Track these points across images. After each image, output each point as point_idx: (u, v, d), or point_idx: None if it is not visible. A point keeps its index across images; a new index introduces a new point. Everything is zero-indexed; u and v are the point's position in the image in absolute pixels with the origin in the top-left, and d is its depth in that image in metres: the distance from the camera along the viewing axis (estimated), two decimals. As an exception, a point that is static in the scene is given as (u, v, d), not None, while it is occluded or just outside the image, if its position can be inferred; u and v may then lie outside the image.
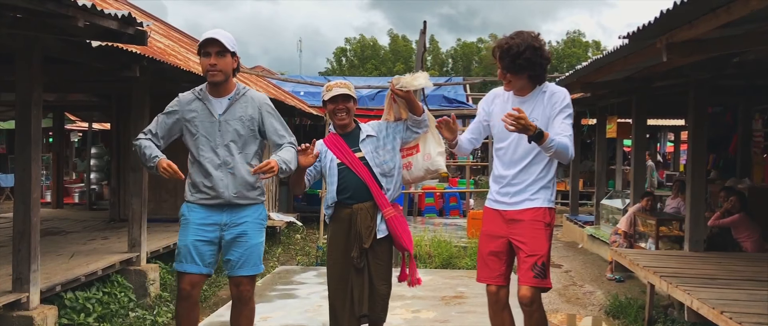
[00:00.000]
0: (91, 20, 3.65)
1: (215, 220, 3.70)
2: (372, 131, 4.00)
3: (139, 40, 4.28)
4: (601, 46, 47.43)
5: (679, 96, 9.13)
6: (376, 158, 3.91)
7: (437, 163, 4.11)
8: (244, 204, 3.72)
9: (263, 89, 11.03)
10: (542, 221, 3.59)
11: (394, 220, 3.90)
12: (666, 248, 7.65)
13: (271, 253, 9.87)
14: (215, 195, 3.67)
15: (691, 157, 7.11)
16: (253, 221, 3.75)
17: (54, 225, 9.94)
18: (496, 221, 3.70)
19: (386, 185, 3.91)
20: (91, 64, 5.53)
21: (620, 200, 10.53)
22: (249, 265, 3.73)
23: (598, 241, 10.15)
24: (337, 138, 4.00)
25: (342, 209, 3.92)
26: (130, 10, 3.90)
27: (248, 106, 3.72)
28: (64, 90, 10.41)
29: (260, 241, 3.80)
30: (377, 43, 49.85)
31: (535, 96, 3.61)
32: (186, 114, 3.70)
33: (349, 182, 3.89)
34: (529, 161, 3.60)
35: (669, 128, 19.62)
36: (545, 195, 3.63)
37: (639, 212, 8.35)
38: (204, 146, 3.67)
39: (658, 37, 4.24)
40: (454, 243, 9.04)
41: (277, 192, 12.63)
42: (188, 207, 3.75)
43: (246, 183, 3.69)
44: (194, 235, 3.69)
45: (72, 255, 6.74)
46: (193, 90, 3.77)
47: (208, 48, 3.57)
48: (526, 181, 3.61)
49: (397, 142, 4.00)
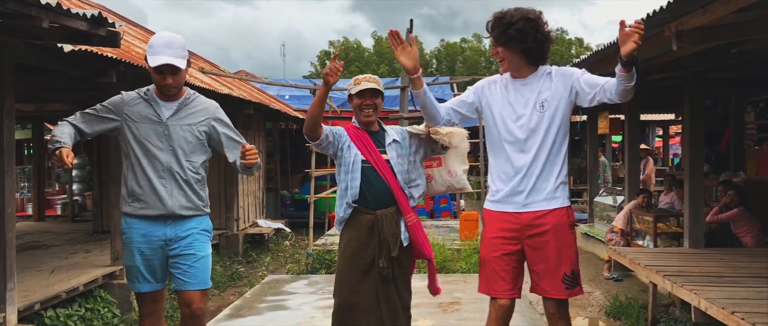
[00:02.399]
0: (57, 21, 3.37)
1: (159, 236, 3.41)
2: (397, 136, 3.70)
3: (112, 42, 4.00)
4: (584, 42, 47.55)
5: (670, 90, 9.01)
6: (400, 165, 3.62)
7: (463, 181, 3.90)
8: (189, 215, 3.44)
9: (247, 93, 10.79)
10: (567, 223, 3.24)
11: (416, 227, 3.63)
12: (664, 245, 7.50)
13: (258, 262, 9.64)
14: (156, 204, 3.37)
15: (689, 151, 6.95)
16: (199, 232, 3.48)
17: (35, 238, 9.64)
18: (507, 224, 3.27)
19: (407, 191, 3.64)
20: (65, 72, 5.26)
21: (611, 197, 10.39)
22: (198, 279, 3.45)
23: (593, 240, 10.00)
24: (362, 133, 3.64)
25: (362, 214, 3.57)
26: (100, 10, 3.63)
27: (199, 114, 3.47)
28: (41, 100, 10.13)
29: (208, 254, 3.52)
30: (361, 45, 49.71)
31: (539, 78, 3.23)
32: (130, 114, 3.39)
33: (373, 184, 3.57)
34: (547, 150, 3.18)
35: (657, 123, 19.55)
36: (565, 193, 3.27)
37: (635, 209, 8.20)
38: (146, 151, 3.38)
39: (667, 24, 3.99)
40: (448, 246, 8.83)
41: (263, 198, 12.40)
42: (127, 224, 3.44)
43: (191, 190, 3.42)
44: (140, 254, 3.41)
45: (52, 271, 6.47)
46: (139, 90, 3.48)
47: (161, 68, 3.29)
48: (542, 176, 3.20)
49: (419, 155, 3.77)
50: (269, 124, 13.60)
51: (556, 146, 3.23)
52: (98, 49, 4.65)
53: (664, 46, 4.37)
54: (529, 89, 3.23)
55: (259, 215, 12.06)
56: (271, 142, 13.74)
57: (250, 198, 11.48)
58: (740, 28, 4.27)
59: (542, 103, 3.20)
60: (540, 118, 3.19)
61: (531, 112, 3.21)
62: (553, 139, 3.20)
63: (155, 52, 3.29)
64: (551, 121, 3.19)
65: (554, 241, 3.20)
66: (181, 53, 3.32)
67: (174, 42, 3.32)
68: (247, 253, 10.31)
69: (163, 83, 3.32)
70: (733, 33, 4.31)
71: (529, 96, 3.24)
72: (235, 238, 10.37)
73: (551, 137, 3.19)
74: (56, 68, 5.24)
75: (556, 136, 3.21)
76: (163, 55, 3.26)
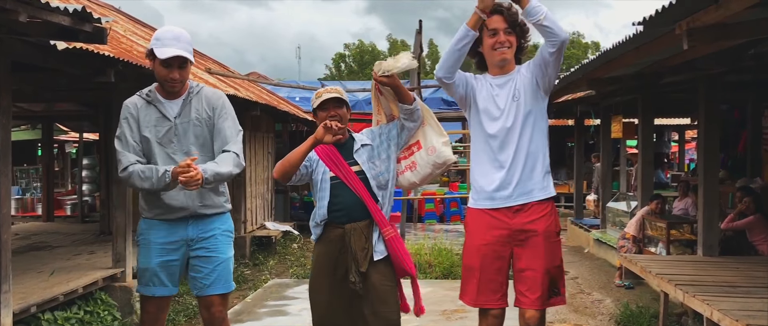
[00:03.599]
0: (37, 15, 3.26)
1: (180, 237, 3.33)
2: (366, 139, 3.57)
3: (98, 38, 3.90)
4: (600, 46, 47.14)
5: (685, 93, 8.80)
6: (372, 169, 3.47)
7: (444, 154, 3.59)
8: (211, 213, 3.35)
9: (255, 95, 10.70)
10: (555, 230, 3.23)
11: (395, 241, 3.45)
12: (677, 252, 7.30)
13: (265, 265, 9.53)
14: (178, 207, 3.29)
15: (703, 156, 6.75)
16: (222, 233, 3.39)
17: (41, 239, 9.61)
18: (496, 231, 3.19)
19: (381, 200, 3.48)
20: (63, 70, 5.18)
21: (625, 203, 10.20)
22: (220, 283, 3.36)
23: (605, 246, 9.80)
24: (330, 148, 3.52)
25: (332, 229, 3.45)
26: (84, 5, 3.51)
27: (203, 104, 3.37)
28: (50, 100, 10.12)
29: (230, 256, 3.43)
30: (376, 47, 49.59)
31: (515, 73, 3.30)
32: (139, 121, 3.31)
33: (342, 198, 3.43)
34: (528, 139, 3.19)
35: (672, 127, 19.26)
36: (550, 181, 3.28)
37: (648, 215, 8.01)
38: (160, 154, 3.29)
39: (679, 21, 3.77)
40: (455, 251, 8.69)
41: (272, 200, 12.30)
42: (148, 225, 3.36)
43: (212, 190, 3.32)
44: (158, 257, 3.32)
45: (52, 272, 6.39)
46: (140, 93, 3.39)
47: (170, 60, 3.22)
48: (527, 166, 3.18)
49: (392, 149, 3.55)
50: (279, 126, 13.51)
51: (537, 134, 3.22)
52: (95, 47, 4.55)
53: (676, 47, 4.15)
54: (508, 84, 3.24)
55: (268, 217, 11.96)
56: (281, 144, 13.65)
57: (258, 200, 11.39)
58: (758, 26, 4.00)
59: (515, 94, 3.21)
60: (517, 109, 3.20)
61: (509, 105, 3.22)
62: (531, 128, 3.20)
63: (164, 44, 3.21)
64: (527, 108, 3.21)
65: (543, 247, 3.16)
66: (188, 48, 3.26)
67: (182, 36, 3.27)
68: (253, 256, 10.21)
69: (170, 76, 3.24)
70: (750, 31, 4.03)
71: (507, 90, 3.25)
72: (242, 240, 10.27)
73: (529, 126, 3.20)
74: (55, 67, 5.16)
75: (535, 124, 3.21)
76: (173, 47, 3.20)
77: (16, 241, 9.37)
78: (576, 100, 10.33)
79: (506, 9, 3.19)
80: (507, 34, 3.19)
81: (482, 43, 3.24)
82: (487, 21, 3.18)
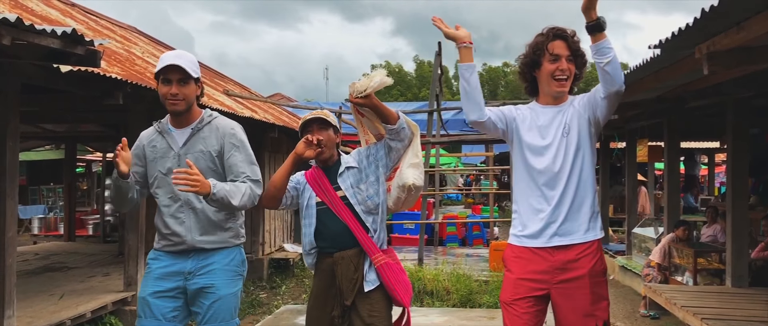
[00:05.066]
0: (22, 38, 3.17)
1: (179, 268, 3.20)
2: (353, 161, 3.38)
3: (91, 61, 3.81)
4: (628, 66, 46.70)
5: (714, 117, 8.54)
6: (358, 194, 3.28)
7: (405, 176, 3.34)
8: (213, 248, 3.22)
9: (275, 117, 10.66)
10: (602, 270, 2.96)
11: (386, 268, 3.26)
12: (705, 283, 7.02)
13: (279, 290, 9.41)
14: (178, 240, 3.19)
15: (732, 182, 6.50)
16: (223, 268, 3.22)
17: (60, 259, 9.61)
18: (535, 265, 2.95)
19: (372, 225, 3.29)
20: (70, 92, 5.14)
21: (653, 228, 9.90)
22: (217, 320, 3.21)
23: (631, 273, 9.50)
24: (318, 172, 3.38)
25: (324, 258, 3.31)
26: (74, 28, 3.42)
27: (212, 136, 3.24)
28: (72, 121, 10.18)
29: (232, 292, 3.25)
30: (403, 69, 49.76)
31: (567, 104, 3.02)
32: (148, 152, 3.25)
33: (328, 225, 3.28)
34: (577, 178, 2.92)
35: (702, 150, 18.81)
36: (597, 221, 2.98)
37: (673, 242, 7.73)
38: (163, 185, 3.20)
39: (698, 44, 3.55)
40: (475, 278, 8.46)
41: (292, 221, 12.20)
42: (154, 254, 3.30)
43: (212, 224, 3.19)
44: (152, 287, 3.19)
45: (62, 296, 6.34)
46: (155, 123, 3.31)
47: (168, 75, 3.12)
48: (575, 206, 2.92)
49: (380, 171, 3.37)
50: (300, 147, 13.41)
51: (585, 172, 2.96)
52: (102, 69, 4.50)
53: (697, 71, 3.92)
54: (558, 116, 2.98)
55: (287, 239, 11.86)
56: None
57: (277, 221, 11.30)
58: (786, 49, 3.71)
59: (565, 128, 2.95)
60: (567, 145, 2.94)
61: (559, 140, 2.95)
62: (581, 165, 2.94)
63: (162, 62, 3.14)
64: (577, 145, 2.94)
65: (589, 289, 2.88)
66: (190, 65, 3.15)
67: (184, 55, 3.20)
68: (271, 278, 10.10)
69: (170, 92, 3.12)
70: (777, 54, 3.79)
71: (557, 123, 2.98)
72: (260, 263, 10.17)
73: (579, 164, 2.94)
74: (65, 89, 5.13)
75: (584, 161, 2.95)
76: (170, 60, 3.13)
77: (35, 261, 9.38)
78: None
79: (570, 36, 2.97)
80: (569, 61, 2.96)
81: (539, 67, 2.98)
82: (550, 45, 2.94)
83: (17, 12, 5.27)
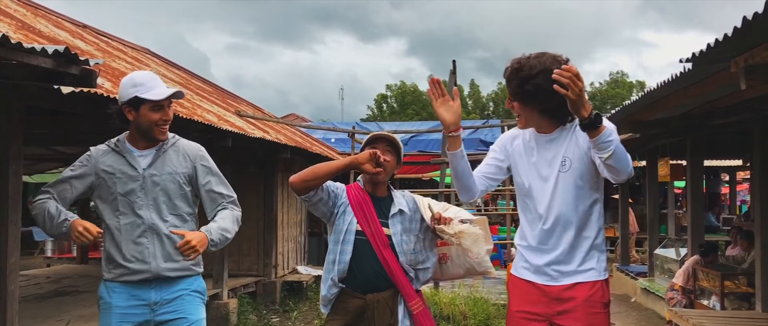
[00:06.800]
0: (11, 57, 3.03)
1: (143, 300, 2.99)
2: (405, 206, 3.08)
3: (87, 82, 3.67)
4: (645, 85, 46.37)
5: (736, 134, 8.28)
6: (405, 244, 3.00)
7: (485, 264, 3.23)
8: (177, 276, 3.03)
9: (287, 137, 10.53)
10: (601, 301, 2.70)
11: (423, 317, 2.99)
12: (733, 307, 6.74)
13: (291, 314, 9.22)
14: (140, 268, 2.96)
15: (760, 203, 6.25)
16: (189, 294, 3.06)
17: (71, 283, 9.50)
18: (533, 297, 2.76)
19: (413, 274, 3.02)
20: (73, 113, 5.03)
21: (674, 250, 9.61)
22: None
23: (653, 296, 9.22)
24: (364, 196, 3.06)
25: (349, 298, 2.97)
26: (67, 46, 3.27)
27: (180, 158, 3.10)
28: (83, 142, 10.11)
29: (201, 318, 3.10)
30: (418, 88, 49.62)
31: (565, 133, 2.73)
32: (100, 172, 3.03)
33: (363, 260, 2.95)
34: (577, 213, 2.68)
35: (723, 168, 18.46)
36: (599, 262, 2.72)
37: (698, 264, 7.46)
38: (124, 208, 2.98)
39: (733, 58, 3.29)
40: (492, 301, 8.23)
41: (305, 243, 12.03)
42: (107, 288, 3.02)
43: (176, 250, 2.98)
44: (118, 322, 2.99)
45: (68, 322, 6.20)
46: (108, 142, 3.13)
47: (162, 101, 2.99)
48: (573, 244, 2.69)
49: (430, 235, 3.10)
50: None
51: (585, 207, 2.71)
52: (107, 91, 4.38)
53: (732, 85, 3.67)
54: (555, 146, 2.73)
55: (300, 261, 11.68)
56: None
57: (290, 243, 11.13)
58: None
59: (564, 160, 2.69)
60: (566, 179, 2.69)
61: (557, 173, 2.71)
62: (581, 200, 2.69)
63: (152, 87, 2.98)
64: (578, 180, 2.68)
65: (584, 322, 2.65)
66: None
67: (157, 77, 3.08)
68: (284, 302, 9.91)
69: (164, 118, 3.01)
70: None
71: (554, 154, 2.73)
72: (273, 286, 10.00)
73: (580, 198, 2.69)
74: (70, 110, 5.01)
75: (585, 197, 2.70)
76: (162, 87, 3.00)
77: (47, 285, 9.28)
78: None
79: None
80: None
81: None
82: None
83: (23, 33, 5.19)
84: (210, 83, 12.08)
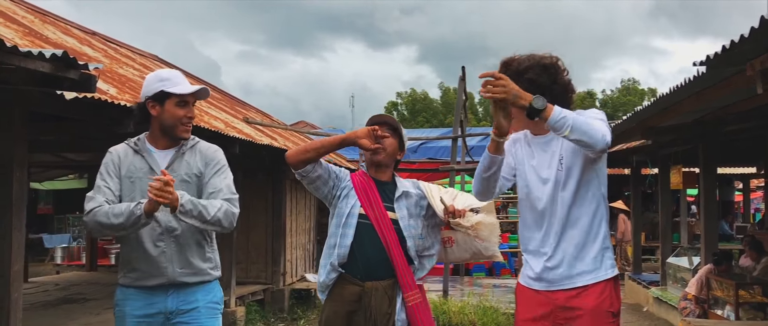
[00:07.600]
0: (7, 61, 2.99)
1: (159, 309, 2.91)
2: (411, 188, 3.08)
3: (85, 87, 3.63)
4: (657, 92, 46.14)
5: (750, 141, 8.17)
6: (412, 228, 2.97)
7: (492, 248, 3.18)
8: (194, 282, 2.95)
9: (294, 144, 10.48)
10: (609, 310, 2.61)
11: (419, 309, 2.94)
12: (748, 317, 6.62)
13: (299, 322, 9.16)
14: (156, 272, 2.89)
15: (774, 211, 6.11)
16: (206, 306, 2.98)
17: (80, 290, 9.49)
18: (539, 306, 2.68)
19: (416, 262, 2.99)
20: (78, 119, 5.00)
21: (687, 258, 9.47)
22: None
23: (666, 305, 9.08)
24: (368, 181, 3.04)
25: (347, 285, 2.92)
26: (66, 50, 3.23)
27: (196, 160, 3.02)
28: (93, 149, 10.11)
29: None
30: (428, 96, 49.64)
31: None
32: (125, 170, 2.98)
33: (365, 246, 2.91)
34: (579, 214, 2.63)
35: (736, 176, 18.25)
36: (604, 260, 2.64)
37: (712, 273, 7.33)
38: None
39: (748, 61, 3.21)
40: (503, 310, 8.13)
41: (314, 251, 11.97)
42: (123, 294, 2.95)
43: (192, 253, 2.93)
44: None
45: (73, 330, 6.16)
46: (127, 141, 3.08)
47: (187, 97, 2.94)
48: (578, 245, 2.62)
49: (437, 219, 3.09)
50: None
51: (587, 207, 2.64)
52: (112, 97, 4.34)
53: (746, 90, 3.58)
54: (551, 146, 2.68)
55: (309, 269, 11.61)
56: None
57: (298, 251, 11.07)
58: None
59: (561, 158, 2.65)
60: (565, 179, 2.63)
61: (555, 173, 2.65)
62: (582, 200, 2.63)
63: (177, 82, 2.94)
64: (578, 179, 2.62)
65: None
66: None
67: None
68: (292, 310, 9.85)
69: (188, 115, 2.97)
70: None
71: (551, 155, 2.68)
72: (281, 294, 9.94)
73: (580, 198, 2.63)
74: (76, 116, 4.98)
75: (586, 195, 2.63)
76: (186, 83, 2.96)
77: (55, 292, 9.27)
78: (632, 149, 9.75)
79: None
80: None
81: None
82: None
83: (29, 39, 5.18)
84: (219, 90, 12.07)
